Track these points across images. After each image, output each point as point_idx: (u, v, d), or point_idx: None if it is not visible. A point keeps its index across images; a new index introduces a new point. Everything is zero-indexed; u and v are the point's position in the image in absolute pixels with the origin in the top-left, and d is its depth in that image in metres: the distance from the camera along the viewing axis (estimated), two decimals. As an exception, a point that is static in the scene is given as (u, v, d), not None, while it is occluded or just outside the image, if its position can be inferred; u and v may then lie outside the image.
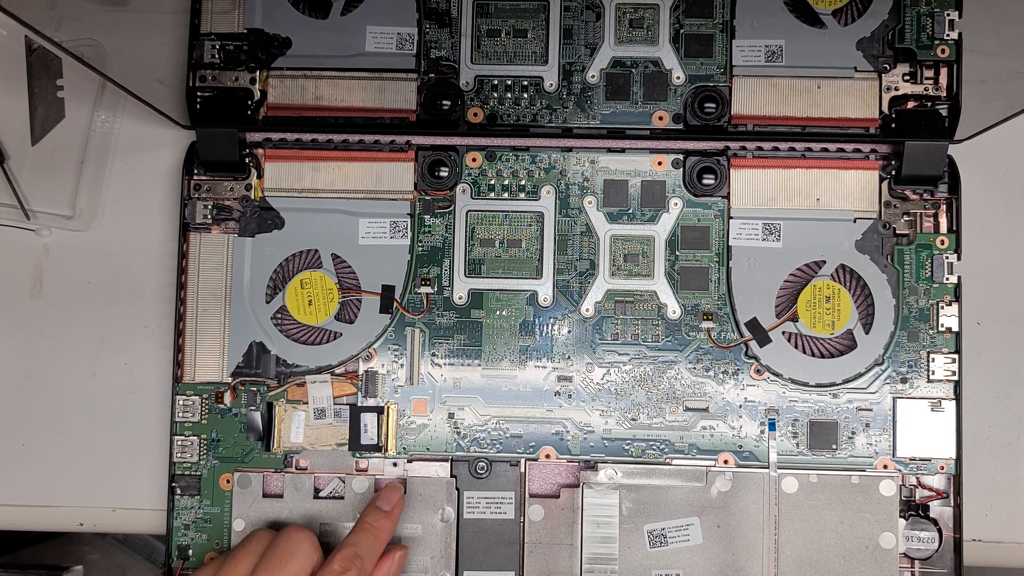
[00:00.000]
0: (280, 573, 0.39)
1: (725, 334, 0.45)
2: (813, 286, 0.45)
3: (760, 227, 0.45)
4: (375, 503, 0.43)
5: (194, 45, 0.46)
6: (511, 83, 0.46)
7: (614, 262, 0.46)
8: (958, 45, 0.45)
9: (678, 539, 0.44)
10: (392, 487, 0.44)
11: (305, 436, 0.45)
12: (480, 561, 0.44)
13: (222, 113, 0.46)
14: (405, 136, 0.46)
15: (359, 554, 0.40)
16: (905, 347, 0.45)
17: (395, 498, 0.43)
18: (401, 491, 0.44)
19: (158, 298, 0.48)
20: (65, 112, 0.49)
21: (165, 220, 0.48)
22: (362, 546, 0.41)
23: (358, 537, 0.41)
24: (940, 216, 0.45)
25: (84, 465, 0.47)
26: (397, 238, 0.46)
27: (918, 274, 0.45)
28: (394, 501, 0.43)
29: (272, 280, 0.46)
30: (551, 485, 0.45)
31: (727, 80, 0.46)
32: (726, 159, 0.46)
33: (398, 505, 0.43)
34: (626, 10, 0.46)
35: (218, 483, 0.45)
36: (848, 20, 0.46)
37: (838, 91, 0.46)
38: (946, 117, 0.45)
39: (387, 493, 0.43)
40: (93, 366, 0.48)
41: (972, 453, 0.46)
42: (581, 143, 0.46)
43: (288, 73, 0.46)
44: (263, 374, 0.45)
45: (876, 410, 0.45)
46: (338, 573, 0.39)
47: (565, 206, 0.46)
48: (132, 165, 0.49)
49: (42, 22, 0.35)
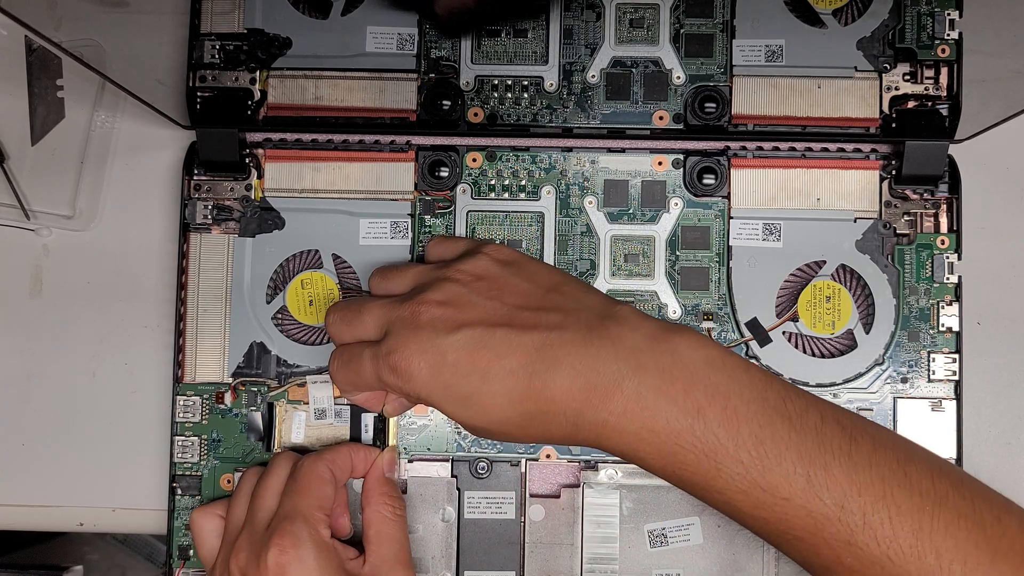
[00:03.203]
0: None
1: (725, 334, 0.45)
2: (813, 286, 0.45)
3: (760, 227, 0.45)
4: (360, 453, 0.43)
5: (194, 45, 0.46)
6: (511, 83, 0.46)
7: (614, 262, 0.46)
8: (958, 45, 0.45)
9: (679, 539, 0.44)
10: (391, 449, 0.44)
11: (306, 436, 0.45)
12: (481, 561, 0.44)
13: (222, 113, 0.46)
14: (405, 136, 0.46)
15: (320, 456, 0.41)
16: (905, 347, 0.45)
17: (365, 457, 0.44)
18: (395, 451, 0.44)
19: (158, 298, 0.48)
20: (65, 112, 0.49)
21: (165, 220, 0.48)
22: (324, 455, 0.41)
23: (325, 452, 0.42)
24: (940, 216, 0.45)
25: (84, 465, 0.47)
26: (398, 238, 0.46)
27: (918, 274, 0.45)
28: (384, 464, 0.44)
29: (272, 280, 0.46)
30: (552, 485, 0.45)
31: (727, 80, 0.46)
32: (726, 159, 0.46)
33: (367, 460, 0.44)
34: (626, 10, 0.46)
35: (218, 483, 0.45)
36: (848, 20, 0.46)
37: (838, 91, 0.46)
38: (946, 117, 0.45)
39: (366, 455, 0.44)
40: (93, 366, 0.48)
41: (972, 453, 0.46)
42: (581, 143, 0.46)
43: (288, 73, 0.46)
44: (263, 374, 0.45)
45: (877, 410, 0.45)
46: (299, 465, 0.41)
47: (565, 206, 0.46)
48: (132, 165, 0.49)
49: (42, 22, 0.35)
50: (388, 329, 0.38)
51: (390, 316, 0.38)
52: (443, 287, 0.38)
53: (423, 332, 0.37)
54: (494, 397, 0.36)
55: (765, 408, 0.34)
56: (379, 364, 0.38)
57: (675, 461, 0.35)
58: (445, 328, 0.36)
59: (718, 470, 0.34)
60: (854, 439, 0.34)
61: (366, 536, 0.41)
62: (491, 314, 0.37)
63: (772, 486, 0.34)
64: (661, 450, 0.35)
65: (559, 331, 0.36)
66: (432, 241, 0.44)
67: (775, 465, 0.34)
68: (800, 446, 0.34)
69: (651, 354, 0.35)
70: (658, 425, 0.34)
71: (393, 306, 0.39)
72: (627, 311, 0.37)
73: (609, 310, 0.37)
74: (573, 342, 0.36)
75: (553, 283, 0.39)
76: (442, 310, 0.37)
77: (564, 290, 0.39)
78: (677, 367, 0.35)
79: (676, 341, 0.36)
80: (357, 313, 0.40)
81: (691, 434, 0.34)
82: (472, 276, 0.39)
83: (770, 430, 0.34)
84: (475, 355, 0.36)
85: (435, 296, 0.38)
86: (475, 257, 0.40)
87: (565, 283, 0.39)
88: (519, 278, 0.39)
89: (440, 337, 0.36)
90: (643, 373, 0.35)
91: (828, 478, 0.33)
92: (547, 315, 0.37)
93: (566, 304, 0.37)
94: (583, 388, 0.35)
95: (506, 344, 0.36)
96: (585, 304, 0.38)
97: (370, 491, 0.42)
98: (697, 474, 0.35)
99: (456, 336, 0.36)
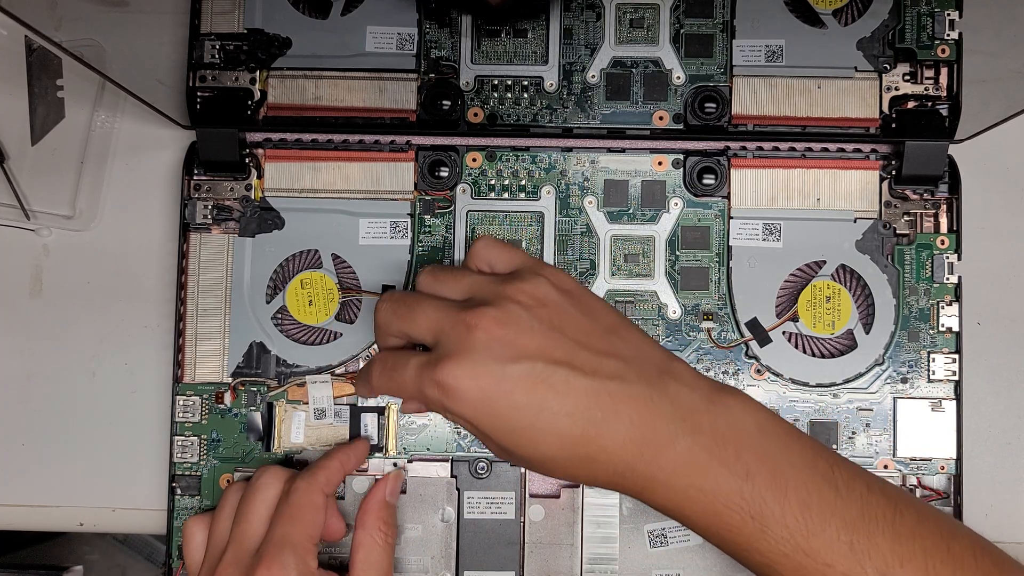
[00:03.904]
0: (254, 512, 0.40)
1: (725, 334, 0.45)
2: (813, 286, 0.45)
3: (760, 227, 0.45)
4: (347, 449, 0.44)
5: (194, 45, 0.46)
6: (511, 83, 0.46)
7: (614, 262, 0.46)
8: (958, 45, 0.45)
9: (678, 539, 0.44)
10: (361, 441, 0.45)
11: (305, 436, 0.45)
12: (480, 561, 0.44)
13: (222, 113, 0.46)
14: (405, 136, 0.46)
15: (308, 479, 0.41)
16: (905, 347, 0.45)
17: (361, 452, 0.44)
18: (367, 444, 0.45)
19: (158, 298, 0.48)
20: (65, 112, 0.49)
21: (165, 220, 0.48)
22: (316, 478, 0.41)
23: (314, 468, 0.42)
24: (940, 216, 0.45)
25: (84, 465, 0.47)
26: (397, 238, 0.46)
27: (918, 274, 0.45)
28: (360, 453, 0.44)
29: (272, 280, 0.46)
30: (551, 485, 0.45)
31: (727, 80, 0.46)
32: (726, 159, 0.46)
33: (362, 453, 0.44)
34: (626, 10, 0.46)
35: (218, 483, 0.45)
36: (848, 20, 0.46)
37: (838, 91, 0.46)
38: (946, 117, 0.45)
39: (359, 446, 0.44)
40: (93, 366, 0.48)
41: (972, 453, 0.46)
42: (581, 143, 0.46)
43: (288, 73, 0.46)
44: (263, 374, 0.45)
45: (876, 410, 0.45)
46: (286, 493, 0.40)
47: (565, 206, 0.46)
48: (132, 165, 0.49)
49: (42, 22, 0.35)
50: (439, 338, 0.36)
51: (444, 323, 0.36)
52: (504, 307, 0.36)
53: (479, 354, 0.35)
54: (545, 435, 0.35)
55: (813, 475, 0.35)
56: (424, 378, 0.36)
57: (720, 521, 0.35)
58: (504, 354, 0.35)
59: (763, 532, 0.34)
60: (899, 510, 0.35)
61: (353, 559, 0.40)
62: (552, 348, 0.36)
63: (815, 551, 0.34)
64: (707, 509, 0.35)
65: (619, 381, 0.35)
66: (481, 241, 0.40)
67: (819, 531, 0.34)
68: (845, 513, 0.34)
69: (707, 416, 0.35)
70: (707, 485, 0.35)
71: (448, 312, 0.37)
72: (683, 368, 0.37)
73: (667, 365, 0.37)
74: (632, 396, 0.35)
75: (612, 325, 0.38)
76: (502, 332, 0.35)
77: (624, 335, 0.38)
78: (730, 430, 0.35)
79: (730, 403, 0.36)
80: (409, 308, 0.38)
81: (739, 496, 0.34)
82: (534, 301, 0.36)
83: (817, 496, 0.34)
84: (532, 390, 0.35)
85: (495, 315, 0.36)
86: (535, 279, 0.37)
87: (624, 327, 0.38)
88: (579, 312, 0.37)
89: (497, 363, 0.35)
90: (698, 434, 0.35)
91: (871, 547, 0.34)
92: (608, 361, 0.36)
93: (626, 352, 0.37)
94: (637, 442, 0.35)
95: (566, 385, 0.35)
96: (643, 354, 0.37)
97: (367, 514, 0.41)
98: (741, 535, 0.35)
99: (515, 366, 0.35)
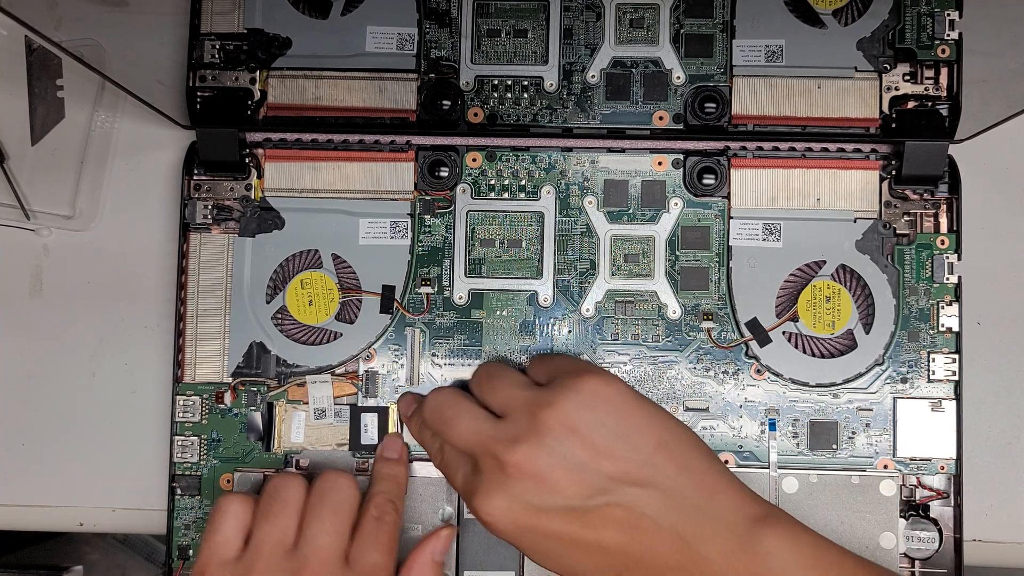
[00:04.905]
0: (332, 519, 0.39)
1: (725, 334, 0.45)
2: (813, 286, 0.45)
3: (760, 227, 0.45)
4: (381, 455, 0.43)
5: (194, 45, 0.46)
6: (511, 83, 0.46)
7: (614, 262, 0.46)
8: (958, 45, 0.45)
9: (678, 539, 0.44)
10: (391, 436, 0.44)
11: (305, 436, 0.45)
12: (480, 561, 0.44)
13: (222, 113, 0.46)
14: (405, 136, 0.46)
15: (389, 498, 0.40)
16: (905, 347, 0.45)
17: (398, 445, 0.43)
18: (401, 438, 0.44)
19: (158, 298, 0.48)
20: (65, 112, 0.49)
21: (165, 220, 0.48)
22: (389, 491, 0.41)
23: (380, 486, 0.41)
24: (940, 216, 0.45)
25: (84, 465, 0.47)
26: (397, 238, 0.46)
27: (918, 274, 0.45)
28: (398, 448, 0.43)
29: (272, 280, 0.46)
30: (551, 485, 0.45)
31: (727, 80, 0.46)
32: (726, 159, 0.46)
33: (403, 450, 0.43)
34: (626, 10, 0.46)
35: (218, 483, 0.45)
36: (848, 20, 0.46)
37: (838, 91, 0.46)
38: (946, 117, 0.45)
39: (389, 443, 0.44)
40: (93, 366, 0.48)
41: (972, 453, 0.46)
42: (581, 143, 0.46)
43: (288, 73, 0.46)
44: (263, 374, 0.45)
45: (876, 410, 0.45)
46: (376, 517, 0.39)
47: (565, 206, 0.46)
48: (132, 165, 0.49)
49: (42, 22, 0.35)
50: (475, 459, 0.39)
51: (477, 448, 0.38)
52: (534, 442, 0.37)
53: (511, 490, 0.37)
54: (581, 562, 0.37)
55: None
56: (465, 493, 0.39)
57: None
58: (536, 492, 0.37)
59: None
60: None
61: None
62: (585, 485, 0.37)
63: None
64: None
65: (652, 520, 0.36)
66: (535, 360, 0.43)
67: None
68: None
69: (741, 561, 0.36)
70: None
71: (481, 437, 0.38)
72: (726, 495, 0.37)
73: (709, 492, 0.37)
74: (666, 538, 0.36)
75: (657, 441, 0.38)
76: (534, 469, 0.37)
77: (670, 450, 0.38)
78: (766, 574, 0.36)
79: (769, 546, 0.36)
80: (446, 423, 0.40)
81: None
82: (566, 430, 0.37)
83: None
84: (566, 526, 0.37)
85: (525, 452, 0.37)
86: (568, 398, 0.38)
87: (671, 440, 0.38)
88: (617, 433, 0.38)
89: (530, 500, 0.37)
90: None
91: None
92: (644, 496, 0.37)
93: (665, 479, 0.37)
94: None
95: (601, 520, 0.37)
96: (683, 483, 0.37)
97: (411, 572, 0.40)
98: None
99: (547, 504, 0.37)
